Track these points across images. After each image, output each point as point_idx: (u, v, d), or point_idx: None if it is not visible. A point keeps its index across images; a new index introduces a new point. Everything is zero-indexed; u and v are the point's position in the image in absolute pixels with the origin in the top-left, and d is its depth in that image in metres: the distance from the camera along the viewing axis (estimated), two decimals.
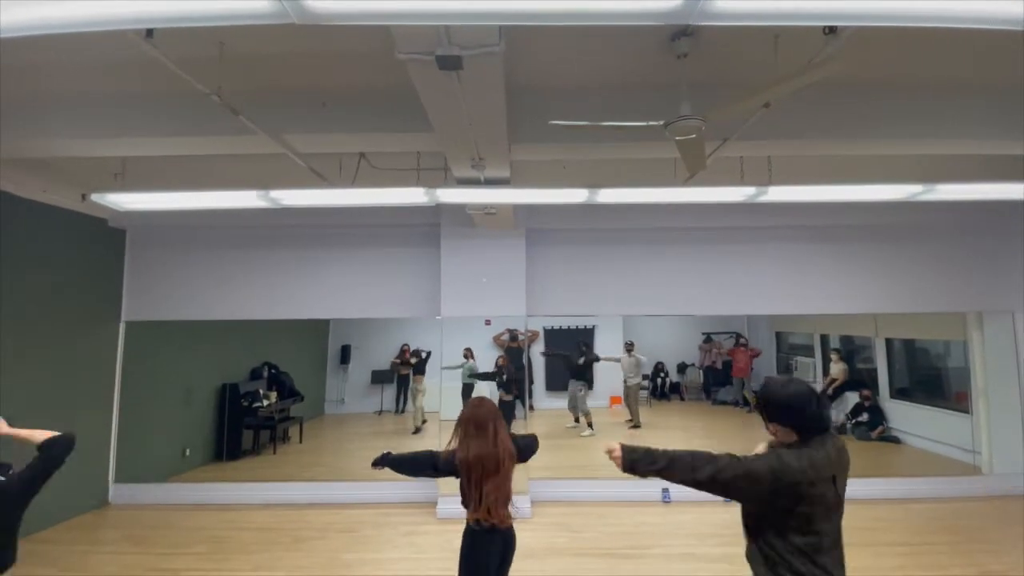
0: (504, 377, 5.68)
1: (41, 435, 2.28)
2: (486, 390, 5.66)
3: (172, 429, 5.99)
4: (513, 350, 5.77)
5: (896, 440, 6.84)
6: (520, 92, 3.21)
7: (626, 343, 8.40)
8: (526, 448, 2.70)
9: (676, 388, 9.42)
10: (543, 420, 8.29)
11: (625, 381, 8.24)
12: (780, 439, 1.81)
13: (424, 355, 7.95)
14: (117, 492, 5.54)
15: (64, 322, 5.06)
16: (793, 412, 1.75)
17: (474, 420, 2.56)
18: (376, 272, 5.83)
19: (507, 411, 5.73)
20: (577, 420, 7.86)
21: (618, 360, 8.30)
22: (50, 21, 1.66)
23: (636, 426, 8.00)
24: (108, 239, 5.68)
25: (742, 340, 8.91)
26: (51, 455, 2.23)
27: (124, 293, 5.83)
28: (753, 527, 1.78)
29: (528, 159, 3.77)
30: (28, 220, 4.69)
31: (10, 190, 4.49)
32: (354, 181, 4.17)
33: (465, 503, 2.53)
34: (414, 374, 8.07)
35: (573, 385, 7.90)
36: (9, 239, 4.51)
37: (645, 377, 8.85)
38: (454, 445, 2.56)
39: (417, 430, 7.76)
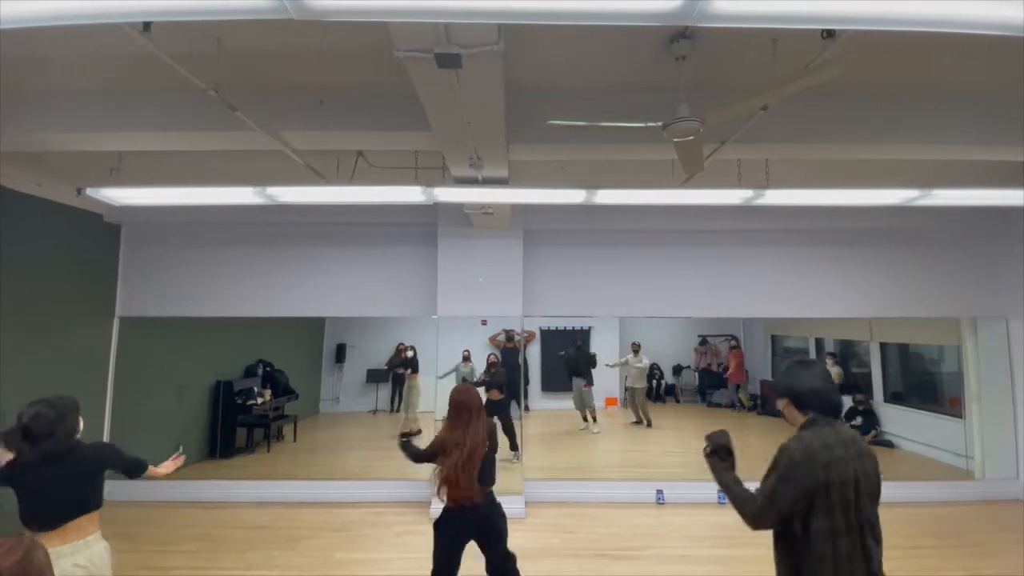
0: (486, 381, 5.66)
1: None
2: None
3: (165, 426, 5.94)
4: (509, 350, 5.76)
5: (890, 444, 6.84)
6: (519, 92, 3.21)
7: (633, 344, 8.00)
8: (486, 474, 2.87)
9: (671, 390, 9.42)
10: (539, 421, 8.26)
11: (631, 387, 7.92)
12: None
13: (412, 353, 7.51)
14: (108, 488, 5.44)
15: (58, 317, 5.02)
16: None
17: (455, 404, 2.83)
18: (373, 271, 5.82)
19: (496, 410, 5.71)
20: (585, 419, 7.64)
21: (624, 363, 7.91)
22: (46, 13, 1.64)
23: (648, 425, 7.77)
24: (103, 235, 5.65)
25: (732, 343, 8.83)
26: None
27: (119, 289, 5.81)
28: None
29: (526, 159, 3.77)
30: (22, 215, 4.66)
31: (4, 184, 4.46)
32: (351, 179, 4.16)
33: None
34: (409, 372, 7.55)
35: (575, 383, 7.78)
36: (2, 233, 4.47)
37: None
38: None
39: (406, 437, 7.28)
